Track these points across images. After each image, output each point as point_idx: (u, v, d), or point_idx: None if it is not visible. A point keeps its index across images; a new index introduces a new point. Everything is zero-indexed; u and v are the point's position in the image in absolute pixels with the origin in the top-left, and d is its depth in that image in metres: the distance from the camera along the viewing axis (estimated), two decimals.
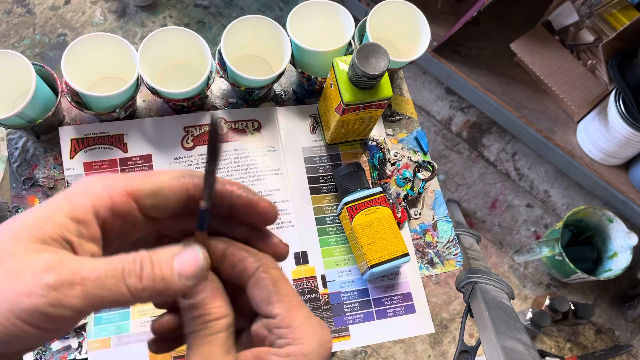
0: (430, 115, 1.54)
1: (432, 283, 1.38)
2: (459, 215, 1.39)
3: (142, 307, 0.53)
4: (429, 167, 0.64)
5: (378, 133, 0.66)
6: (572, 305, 1.31)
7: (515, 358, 0.41)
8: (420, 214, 0.64)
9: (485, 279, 0.55)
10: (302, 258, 0.58)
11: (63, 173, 0.58)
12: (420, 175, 0.64)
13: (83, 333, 0.52)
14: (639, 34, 1.28)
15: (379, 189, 0.58)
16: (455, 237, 0.63)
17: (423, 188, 0.63)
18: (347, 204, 0.56)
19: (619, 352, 1.36)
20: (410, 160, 0.66)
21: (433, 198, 0.65)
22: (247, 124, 0.63)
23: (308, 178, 0.62)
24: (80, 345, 0.52)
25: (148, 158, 0.59)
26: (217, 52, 0.59)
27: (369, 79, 0.51)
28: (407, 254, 0.55)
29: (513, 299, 0.55)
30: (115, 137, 0.59)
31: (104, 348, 0.51)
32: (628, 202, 1.34)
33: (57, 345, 0.51)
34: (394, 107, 0.68)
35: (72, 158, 0.58)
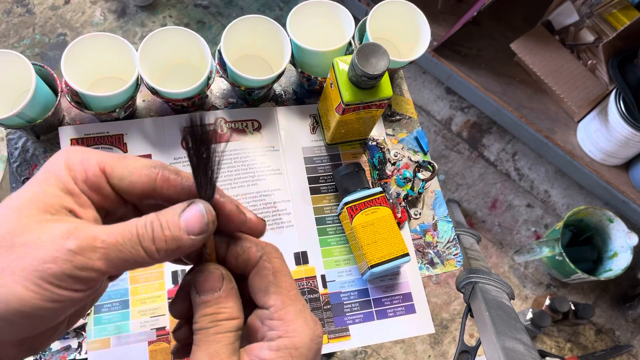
0: (431, 115, 1.54)
1: (432, 283, 1.38)
2: (459, 215, 1.39)
3: (142, 307, 0.53)
4: (429, 167, 0.64)
5: (378, 133, 0.66)
6: (572, 306, 1.31)
7: (516, 358, 0.41)
8: (421, 214, 0.64)
9: (486, 279, 0.55)
10: (302, 258, 0.58)
11: None
12: (421, 175, 0.64)
13: (83, 333, 0.52)
14: (639, 34, 1.28)
15: (379, 189, 0.58)
16: (456, 237, 0.63)
17: (423, 188, 0.63)
18: (347, 204, 0.56)
19: (619, 352, 1.36)
20: (411, 160, 0.65)
21: (433, 198, 0.65)
22: (247, 124, 0.62)
23: (308, 178, 0.62)
24: (80, 346, 0.52)
25: (148, 158, 0.59)
26: (217, 52, 0.59)
27: (369, 79, 0.50)
28: (407, 254, 0.55)
29: (513, 299, 0.54)
30: (115, 137, 0.59)
31: (104, 348, 0.51)
32: (628, 202, 1.34)
33: (56, 346, 0.51)
34: (394, 107, 0.68)
35: None
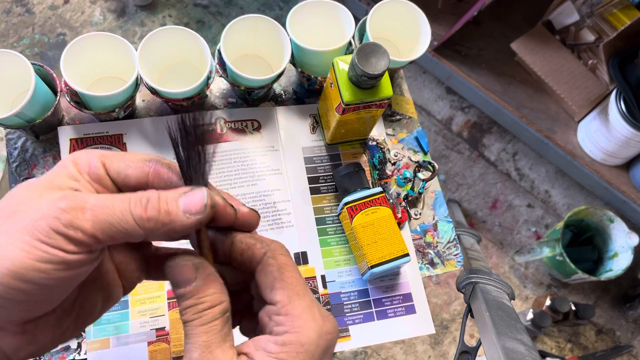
0: (431, 115, 1.54)
1: (432, 283, 1.38)
2: (460, 216, 1.38)
3: (141, 307, 0.53)
4: (430, 167, 0.63)
5: (378, 133, 0.66)
6: (572, 306, 1.31)
7: (516, 359, 0.41)
8: (421, 214, 0.63)
9: (486, 280, 0.55)
10: (302, 258, 0.58)
11: None
12: (421, 175, 0.64)
13: (82, 333, 0.52)
14: None
15: (379, 189, 0.57)
16: (456, 237, 0.63)
17: (423, 188, 0.63)
18: (347, 204, 0.56)
19: (620, 352, 1.36)
20: (411, 160, 0.65)
21: (433, 198, 0.65)
22: (246, 124, 0.62)
23: (308, 178, 0.62)
24: (80, 346, 0.51)
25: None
26: (216, 51, 0.59)
27: (369, 79, 0.50)
28: (407, 254, 0.55)
29: (514, 300, 0.54)
30: (115, 137, 0.59)
31: (104, 348, 0.51)
32: (629, 202, 1.34)
33: None
34: (394, 106, 0.68)
35: None
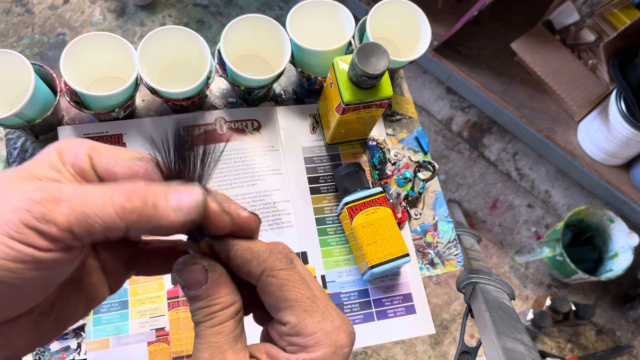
0: (431, 115, 1.54)
1: (432, 283, 1.38)
2: (460, 216, 1.38)
3: (141, 307, 0.53)
4: (430, 167, 0.63)
5: (378, 133, 0.66)
6: (573, 306, 1.31)
7: (516, 359, 0.41)
8: (421, 214, 0.63)
9: (486, 280, 0.54)
10: (302, 258, 0.58)
11: None
12: (421, 175, 0.64)
13: (82, 334, 0.52)
14: None
15: (379, 189, 0.57)
16: (456, 237, 0.63)
17: (423, 188, 0.63)
18: (347, 204, 0.56)
19: (620, 352, 1.36)
20: (411, 160, 0.65)
21: (433, 198, 0.65)
22: (246, 124, 0.62)
23: (308, 178, 0.62)
24: (79, 346, 0.51)
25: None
26: (216, 51, 0.59)
27: (369, 79, 0.50)
28: (407, 255, 0.55)
29: (514, 300, 0.54)
30: (115, 136, 0.59)
31: (103, 349, 0.51)
32: (629, 202, 1.34)
33: (56, 346, 0.51)
34: (394, 106, 0.68)
35: None
